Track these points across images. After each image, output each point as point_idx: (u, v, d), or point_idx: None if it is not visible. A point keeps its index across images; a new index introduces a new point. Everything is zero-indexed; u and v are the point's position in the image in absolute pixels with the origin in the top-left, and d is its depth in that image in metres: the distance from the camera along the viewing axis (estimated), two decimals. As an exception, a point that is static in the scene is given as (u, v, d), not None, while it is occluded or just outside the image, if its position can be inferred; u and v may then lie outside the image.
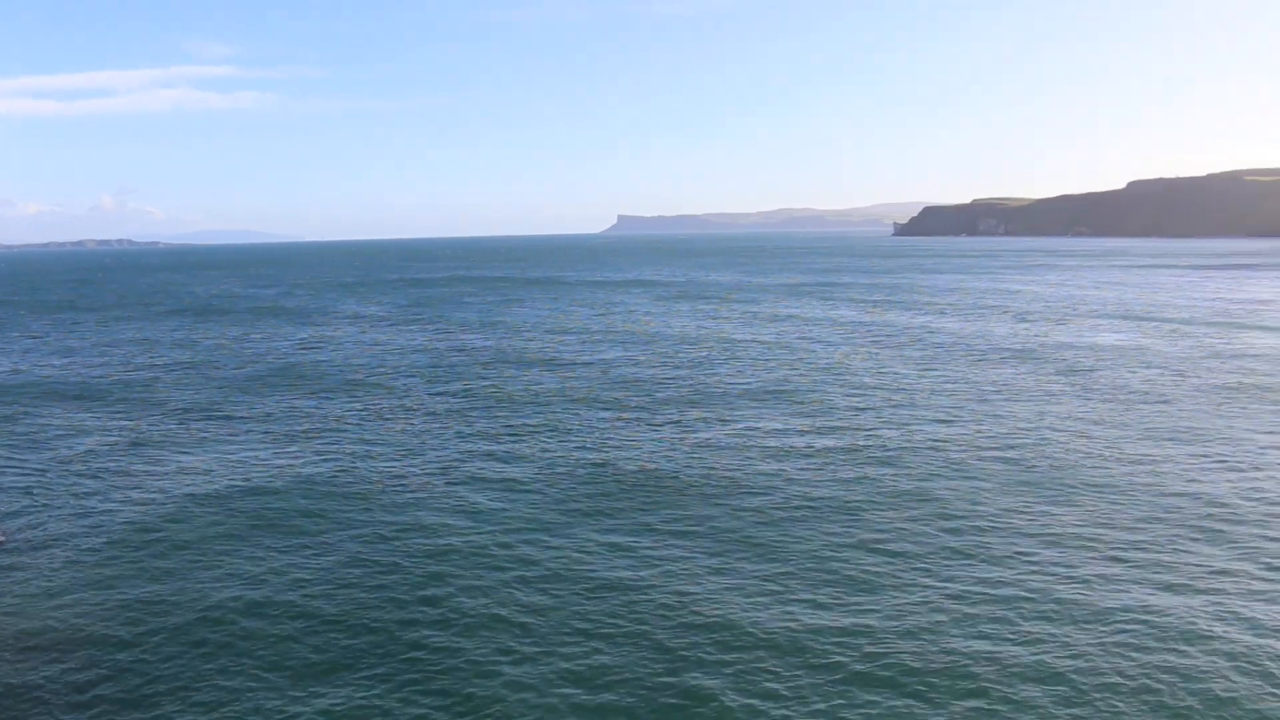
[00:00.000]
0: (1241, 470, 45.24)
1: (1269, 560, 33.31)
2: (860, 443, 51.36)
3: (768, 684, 25.18)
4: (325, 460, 49.54)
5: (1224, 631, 27.70)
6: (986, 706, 23.95)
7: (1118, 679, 25.08)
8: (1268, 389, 66.80)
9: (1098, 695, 24.37)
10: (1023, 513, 39.07)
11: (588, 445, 51.70)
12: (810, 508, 40.06)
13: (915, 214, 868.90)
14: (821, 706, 24.12)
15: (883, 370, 76.61)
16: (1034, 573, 32.38)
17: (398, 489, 43.82)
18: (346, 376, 77.50)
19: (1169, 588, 30.91)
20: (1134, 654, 26.39)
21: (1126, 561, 33.30)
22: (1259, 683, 24.78)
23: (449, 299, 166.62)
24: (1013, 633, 27.83)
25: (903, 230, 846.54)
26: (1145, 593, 30.52)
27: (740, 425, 56.18)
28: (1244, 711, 23.53)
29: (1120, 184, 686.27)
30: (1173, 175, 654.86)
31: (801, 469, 46.26)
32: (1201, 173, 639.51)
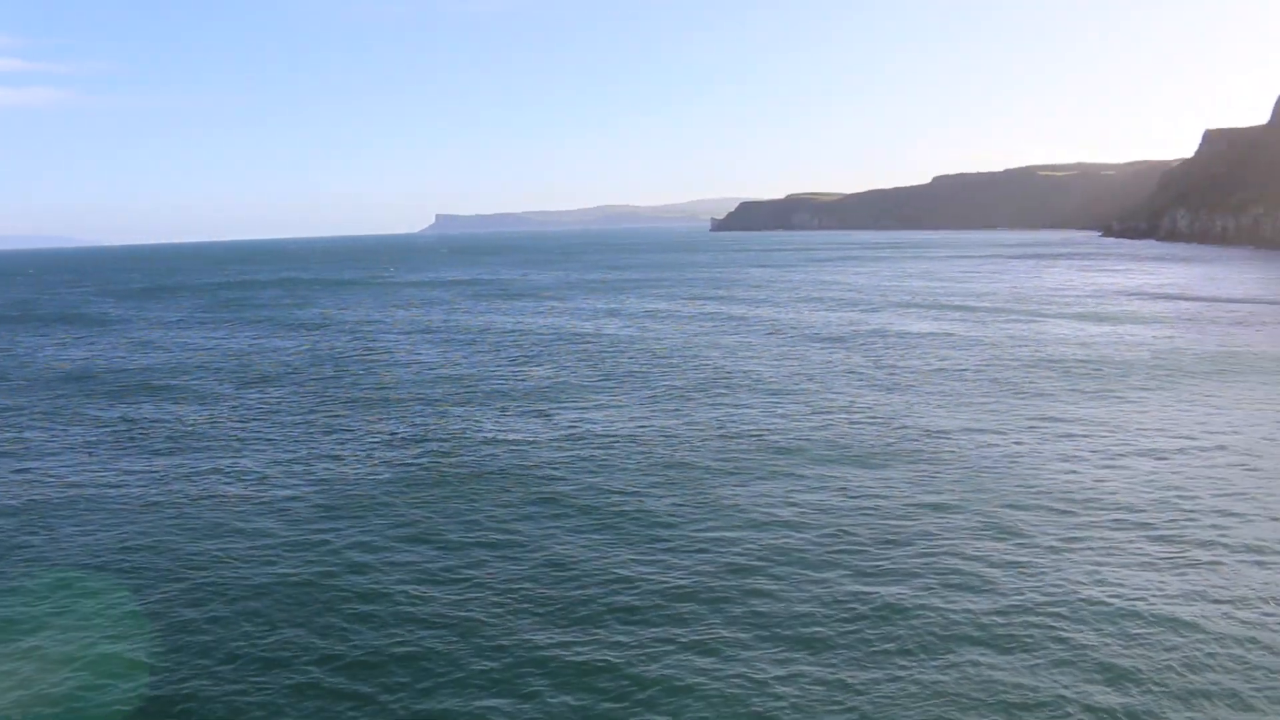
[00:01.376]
0: (1047, 440, 45.85)
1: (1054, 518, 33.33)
2: (676, 428, 50.30)
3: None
4: (107, 470, 45.67)
5: (1014, 594, 27.25)
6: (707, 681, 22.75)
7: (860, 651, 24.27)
8: (1062, 369, 68.99)
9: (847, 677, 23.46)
10: (834, 488, 38.43)
11: (398, 443, 49.20)
12: (618, 493, 38.66)
13: (732, 209, 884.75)
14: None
15: (700, 360, 76.06)
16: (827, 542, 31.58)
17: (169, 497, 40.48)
18: (149, 382, 72.85)
19: (948, 551, 30.47)
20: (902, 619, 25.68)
21: (907, 519, 32.85)
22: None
23: (256, 303, 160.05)
24: (787, 598, 26.84)
25: (720, 225, 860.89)
26: (926, 554, 30.01)
27: (564, 418, 54.58)
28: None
29: (926, 179, 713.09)
30: (974, 171, 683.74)
31: (601, 457, 44.82)
32: (999, 169, 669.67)
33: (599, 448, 48.71)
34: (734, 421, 54.47)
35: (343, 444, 51.15)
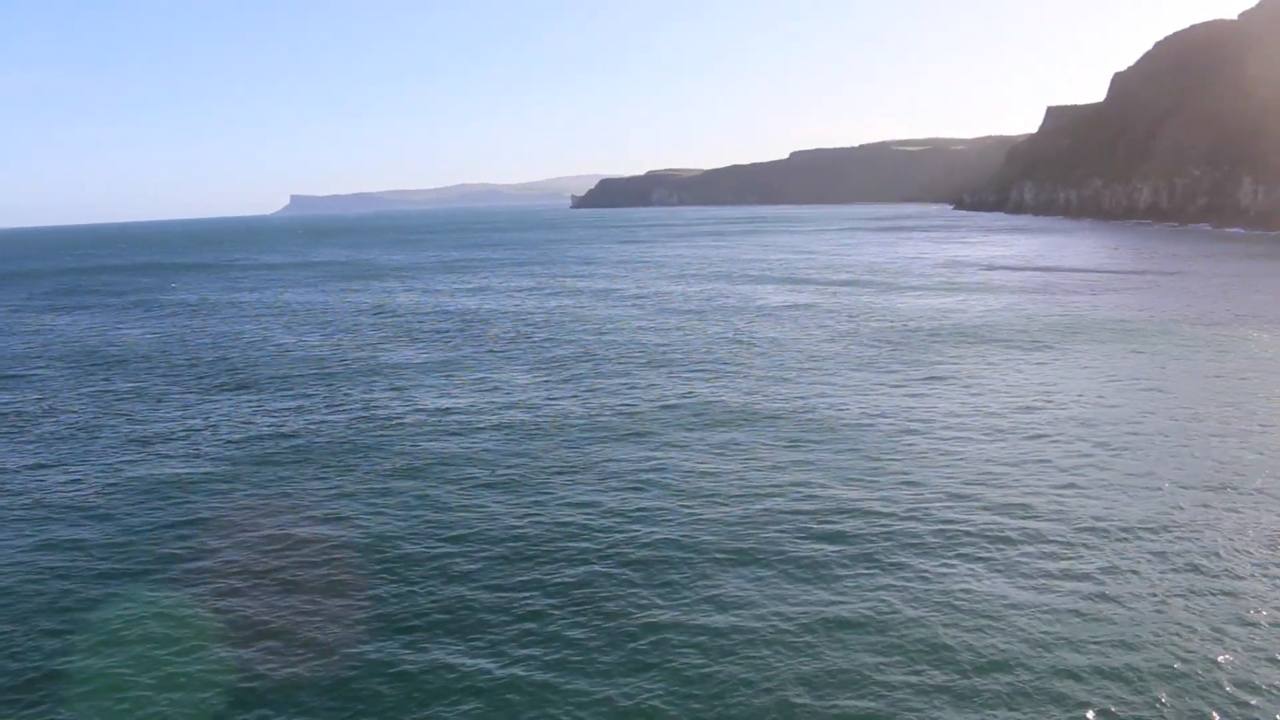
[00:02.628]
0: (904, 404, 46.70)
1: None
2: (538, 401, 49.78)
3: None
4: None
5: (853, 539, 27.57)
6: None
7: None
8: (916, 338, 70.54)
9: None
10: (700, 450, 38.42)
11: (256, 425, 47.57)
12: (471, 463, 38.05)
13: (593, 186, 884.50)
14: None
15: (564, 337, 75.61)
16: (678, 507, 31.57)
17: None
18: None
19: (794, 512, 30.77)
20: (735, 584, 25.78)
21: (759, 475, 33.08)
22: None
23: (104, 288, 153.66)
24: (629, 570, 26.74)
25: (581, 202, 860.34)
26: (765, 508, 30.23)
27: (425, 395, 53.55)
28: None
29: (784, 154, 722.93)
30: (830, 146, 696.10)
31: (466, 434, 44.12)
32: (855, 144, 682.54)
33: (461, 422, 47.93)
34: (596, 393, 54.20)
35: (196, 428, 49.33)
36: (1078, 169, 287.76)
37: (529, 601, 27.32)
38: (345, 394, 57.42)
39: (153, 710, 22.60)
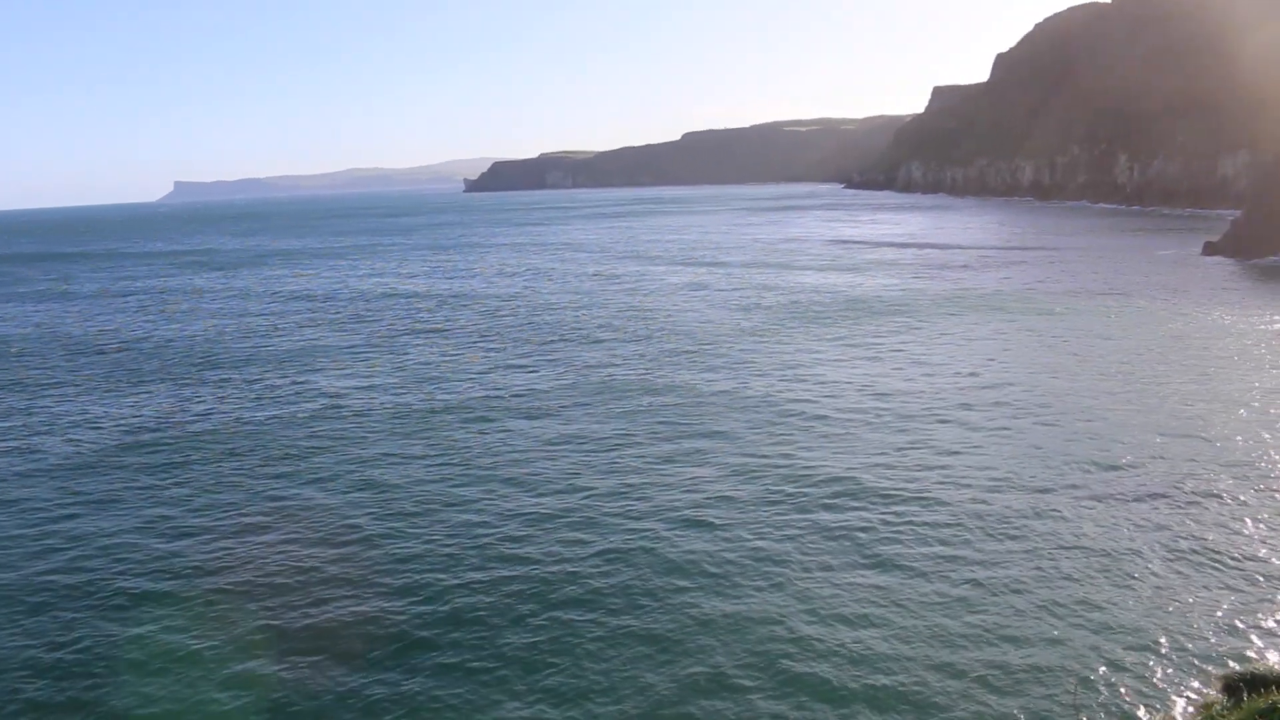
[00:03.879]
0: (798, 377, 47.58)
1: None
2: (426, 385, 49.62)
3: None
4: None
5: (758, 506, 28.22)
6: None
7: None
8: (810, 314, 71.71)
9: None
10: (608, 431, 38.77)
11: (141, 415, 46.60)
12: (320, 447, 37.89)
13: (486, 170, 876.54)
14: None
15: (458, 321, 75.29)
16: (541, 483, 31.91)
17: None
18: None
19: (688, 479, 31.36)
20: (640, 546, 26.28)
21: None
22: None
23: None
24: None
25: (473, 186, 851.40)
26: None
27: (316, 381, 52.93)
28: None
29: (677, 136, 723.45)
30: (723, 128, 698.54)
31: (340, 416, 43.88)
32: (747, 124, 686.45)
33: (345, 409, 47.59)
34: (494, 372, 54.18)
35: (76, 419, 48.18)
36: (963, 148, 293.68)
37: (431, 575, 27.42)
38: (232, 382, 56.53)
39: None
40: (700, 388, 49.84)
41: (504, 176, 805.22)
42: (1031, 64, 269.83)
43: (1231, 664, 19.91)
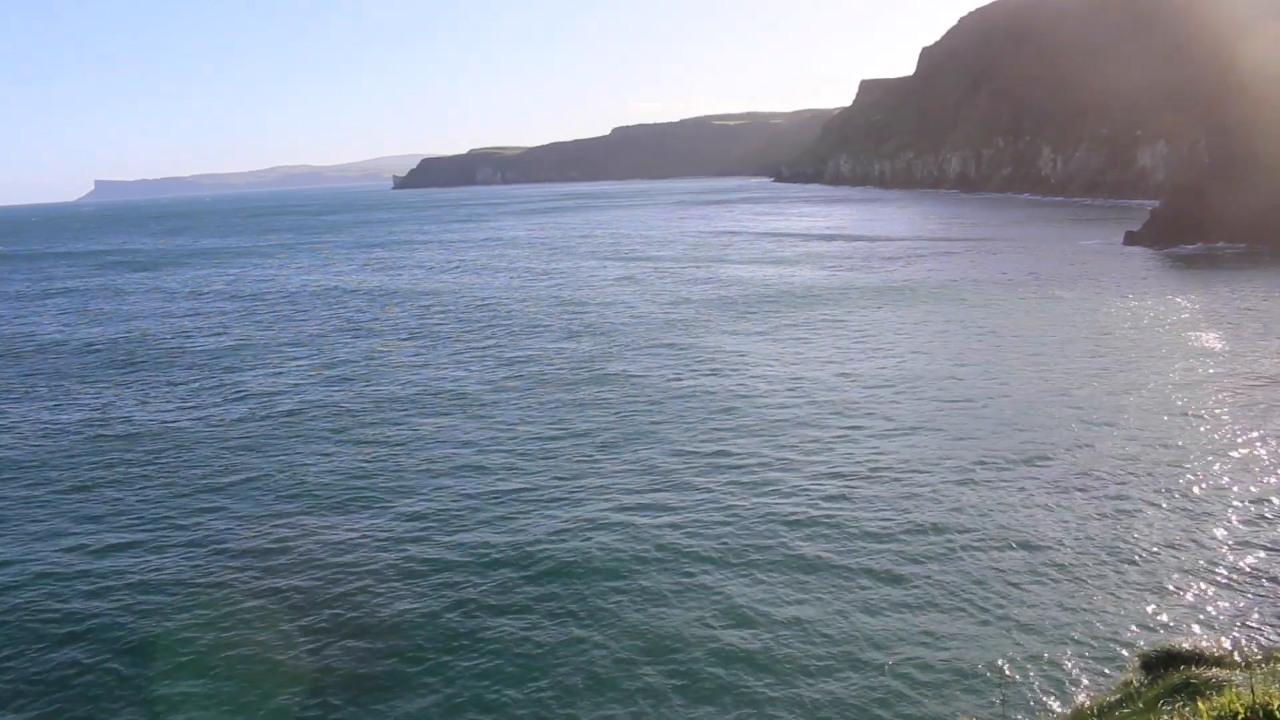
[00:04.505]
0: (729, 369, 47.92)
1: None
2: (354, 386, 49.27)
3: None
4: None
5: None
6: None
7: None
8: (741, 306, 72.30)
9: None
10: (543, 422, 38.74)
11: (58, 417, 45.71)
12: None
13: (415, 166, 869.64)
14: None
15: (377, 321, 74.76)
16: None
17: None
18: None
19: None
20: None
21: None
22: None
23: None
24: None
25: (403, 183, 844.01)
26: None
27: (247, 379, 52.29)
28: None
29: (607, 130, 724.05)
30: (652, 122, 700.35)
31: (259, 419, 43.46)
32: (676, 119, 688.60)
33: (274, 408, 47.09)
34: (426, 368, 53.88)
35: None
36: (890, 141, 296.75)
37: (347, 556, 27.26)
38: (157, 383, 55.67)
39: None
40: (631, 381, 50.02)
41: (433, 173, 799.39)
42: (956, 57, 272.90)
43: (1148, 644, 20.40)
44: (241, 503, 34.23)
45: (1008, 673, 21.25)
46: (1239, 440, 36.36)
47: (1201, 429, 38.08)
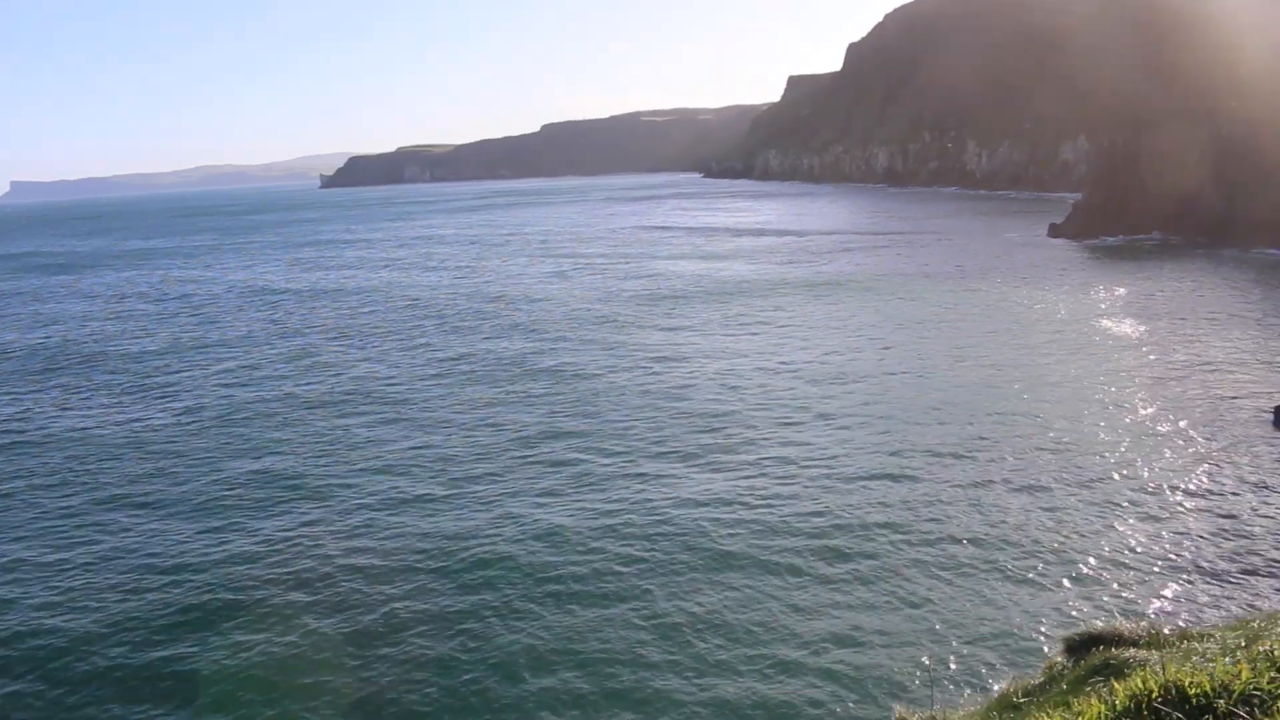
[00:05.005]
0: (663, 363, 48.03)
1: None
2: (268, 387, 48.68)
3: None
4: None
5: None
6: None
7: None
8: (670, 301, 72.46)
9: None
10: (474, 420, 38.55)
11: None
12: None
13: (342, 165, 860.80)
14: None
15: (305, 321, 73.92)
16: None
17: None
18: None
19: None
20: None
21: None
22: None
23: None
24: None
25: (330, 182, 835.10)
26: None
27: (166, 379, 51.41)
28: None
29: (536, 127, 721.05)
30: (581, 118, 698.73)
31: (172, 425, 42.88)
32: (605, 115, 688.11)
33: (202, 411, 46.43)
34: (353, 367, 53.41)
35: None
36: (819, 136, 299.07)
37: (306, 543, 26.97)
38: (78, 388, 54.60)
39: None
40: (561, 378, 50.01)
41: (361, 172, 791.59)
42: (882, 53, 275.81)
43: (1070, 629, 20.76)
44: (164, 510, 33.68)
45: (935, 663, 21.51)
46: (1155, 429, 37.24)
47: (1121, 419, 38.91)
